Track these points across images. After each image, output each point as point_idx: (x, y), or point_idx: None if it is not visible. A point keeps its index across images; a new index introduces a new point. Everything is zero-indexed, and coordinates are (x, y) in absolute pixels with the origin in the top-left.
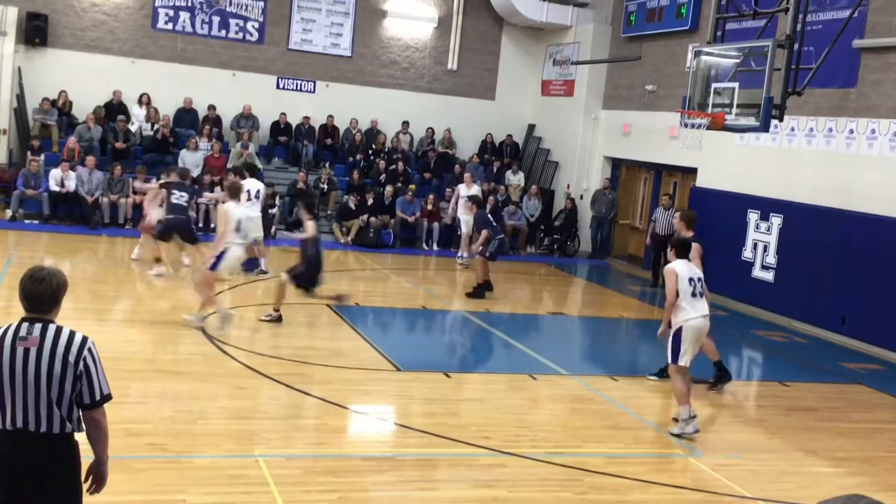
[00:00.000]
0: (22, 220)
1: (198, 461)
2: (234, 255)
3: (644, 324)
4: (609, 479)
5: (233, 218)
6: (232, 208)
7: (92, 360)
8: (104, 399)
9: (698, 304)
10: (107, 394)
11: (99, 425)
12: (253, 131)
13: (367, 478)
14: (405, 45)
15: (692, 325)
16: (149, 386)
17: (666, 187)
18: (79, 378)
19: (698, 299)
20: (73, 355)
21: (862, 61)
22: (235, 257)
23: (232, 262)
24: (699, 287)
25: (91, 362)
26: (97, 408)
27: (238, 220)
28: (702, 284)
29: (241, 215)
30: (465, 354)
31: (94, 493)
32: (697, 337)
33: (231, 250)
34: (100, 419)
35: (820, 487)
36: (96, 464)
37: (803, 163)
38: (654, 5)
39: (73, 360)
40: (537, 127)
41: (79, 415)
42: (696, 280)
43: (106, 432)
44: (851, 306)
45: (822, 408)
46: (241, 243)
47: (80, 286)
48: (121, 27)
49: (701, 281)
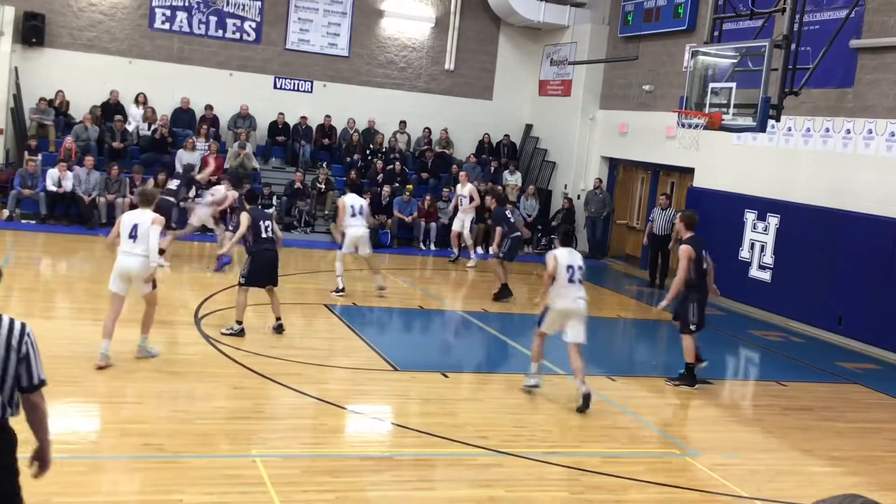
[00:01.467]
0: (19, 220)
1: (195, 461)
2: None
3: (641, 324)
4: (606, 479)
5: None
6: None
7: (31, 345)
8: (41, 384)
9: (572, 289)
10: (44, 379)
11: (38, 408)
12: (250, 131)
13: (364, 478)
14: (402, 45)
15: (557, 309)
16: (145, 386)
17: (663, 187)
18: (21, 361)
19: (575, 285)
20: (16, 339)
21: (858, 61)
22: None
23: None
24: (577, 275)
25: (31, 347)
26: (36, 391)
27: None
28: (581, 273)
29: (355, 234)
30: (463, 354)
31: (38, 476)
32: (563, 317)
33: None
34: (39, 402)
35: (816, 487)
36: (40, 449)
37: (800, 163)
38: (652, 5)
39: (16, 345)
40: (534, 127)
41: (18, 399)
42: (576, 268)
43: (46, 415)
44: (848, 306)
45: (818, 407)
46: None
47: (76, 286)
48: (118, 27)
49: (581, 269)
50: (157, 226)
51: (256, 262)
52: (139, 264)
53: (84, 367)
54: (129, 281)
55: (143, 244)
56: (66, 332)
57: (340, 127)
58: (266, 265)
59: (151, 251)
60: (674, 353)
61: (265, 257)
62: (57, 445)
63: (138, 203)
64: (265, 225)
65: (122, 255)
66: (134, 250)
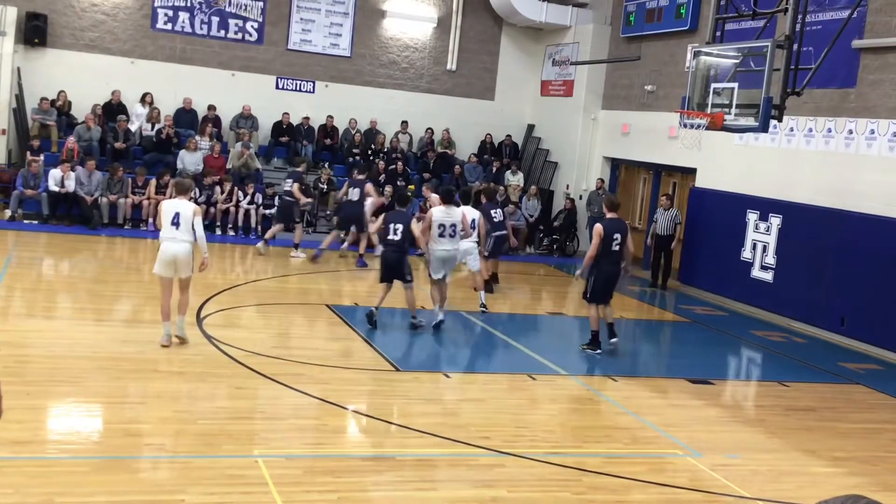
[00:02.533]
0: (21, 220)
1: (197, 461)
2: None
3: (643, 324)
4: (608, 479)
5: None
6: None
7: None
8: None
9: (444, 242)
10: None
11: None
12: (252, 131)
13: (366, 478)
14: (404, 45)
15: (435, 255)
16: (148, 386)
17: (665, 187)
18: None
19: (447, 239)
20: None
21: (861, 61)
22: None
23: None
24: (448, 231)
25: None
26: None
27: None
28: (453, 230)
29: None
30: (465, 354)
31: None
32: (442, 263)
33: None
34: None
35: (819, 487)
36: None
37: (802, 163)
38: (654, 5)
39: None
40: (536, 127)
41: None
42: (448, 226)
43: None
44: (850, 306)
45: (821, 408)
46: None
47: (79, 286)
48: (120, 27)
49: (454, 227)
50: (199, 217)
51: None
52: (184, 250)
53: (86, 367)
54: (175, 265)
55: (186, 231)
56: (67, 333)
57: (342, 127)
58: (388, 264)
59: (200, 241)
60: (676, 353)
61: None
62: (59, 445)
63: (175, 193)
64: (394, 227)
65: (167, 241)
66: (178, 237)
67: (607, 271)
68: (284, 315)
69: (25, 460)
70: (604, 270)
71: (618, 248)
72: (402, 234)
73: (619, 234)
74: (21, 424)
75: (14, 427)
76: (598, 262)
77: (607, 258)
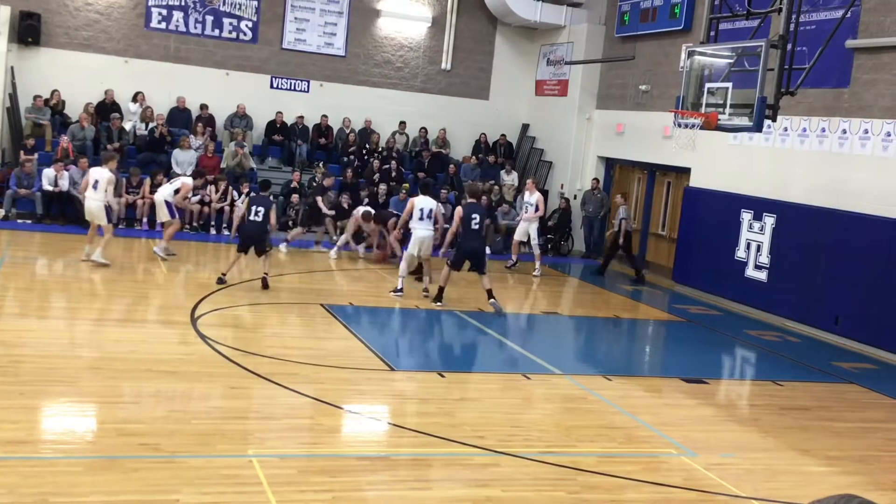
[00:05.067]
0: (15, 219)
1: (191, 461)
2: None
3: (639, 323)
4: (602, 479)
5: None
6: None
7: None
8: None
9: (424, 224)
10: None
11: None
12: (247, 131)
13: (361, 477)
14: (399, 44)
15: (416, 236)
16: (142, 386)
17: (660, 187)
18: None
19: (425, 221)
20: None
21: (855, 61)
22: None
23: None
24: (426, 214)
25: None
26: None
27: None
28: (431, 214)
29: (421, 236)
30: (459, 354)
31: None
32: (419, 243)
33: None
34: None
35: (813, 486)
36: None
37: (796, 163)
38: (648, 5)
39: None
40: (531, 127)
41: None
42: (427, 211)
43: None
44: (844, 306)
45: (815, 407)
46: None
47: (72, 286)
48: (114, 26)
49: (431, 211)
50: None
51: (460, 249)
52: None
53: (80, 366)
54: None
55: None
56: (61, 332)
57: (337, 126)
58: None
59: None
60: (670, 353)
61: (466, 248)
62: (53, 445)
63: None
64: (474, 220)
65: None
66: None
67: (468, 245)
68: (279, 314)
69: (19, 460)
70: (466, 244)
71: (477, 227)
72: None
73: (477, 215)
74: (15, 424)
75: (8, 427)
76: (460, 239)
77: (468, 233)
